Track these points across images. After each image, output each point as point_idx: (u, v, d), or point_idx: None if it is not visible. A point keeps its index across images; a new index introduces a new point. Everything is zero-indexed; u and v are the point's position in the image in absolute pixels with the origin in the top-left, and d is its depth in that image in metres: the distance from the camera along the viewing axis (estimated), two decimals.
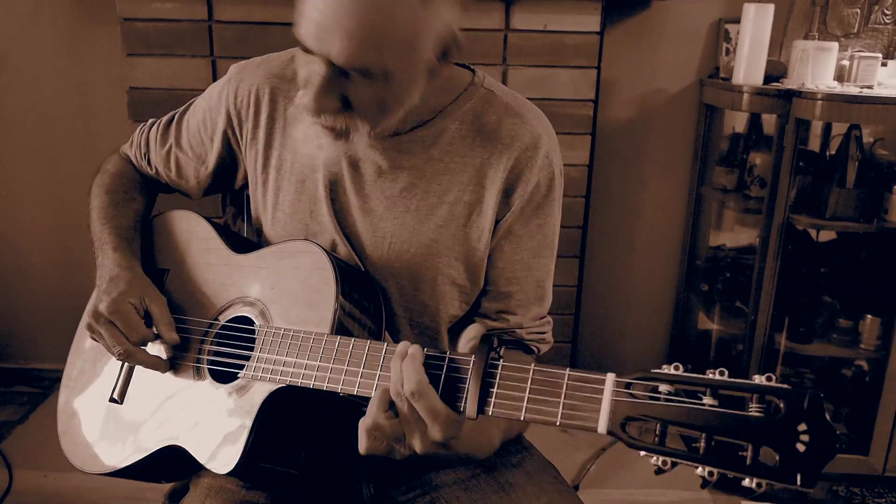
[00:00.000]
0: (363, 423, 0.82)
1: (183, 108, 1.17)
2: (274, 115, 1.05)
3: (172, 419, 0.99)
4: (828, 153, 2.14)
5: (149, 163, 1.20)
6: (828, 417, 0.62)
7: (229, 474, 0.90)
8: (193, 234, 1.12)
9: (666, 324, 2.57)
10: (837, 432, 0.64)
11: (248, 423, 0.90)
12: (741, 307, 2.30)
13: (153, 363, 1.00)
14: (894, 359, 2.08)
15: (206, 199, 1.23)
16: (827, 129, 2.15)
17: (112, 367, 1.08)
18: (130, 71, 2.09)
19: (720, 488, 1.89)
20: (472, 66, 1.06)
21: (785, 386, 0.63)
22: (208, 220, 1.13)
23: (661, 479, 0.67)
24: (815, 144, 2.17)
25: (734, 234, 2.44)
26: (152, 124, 1.20)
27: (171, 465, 0.99)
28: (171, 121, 1.18)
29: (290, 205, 1.05)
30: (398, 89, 0.89)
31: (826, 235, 2.22)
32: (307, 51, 0.86)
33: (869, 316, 2.11)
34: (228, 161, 1.12)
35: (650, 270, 2.52)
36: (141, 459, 1.00)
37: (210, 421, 0.95)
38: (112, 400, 1.07)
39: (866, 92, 1.97)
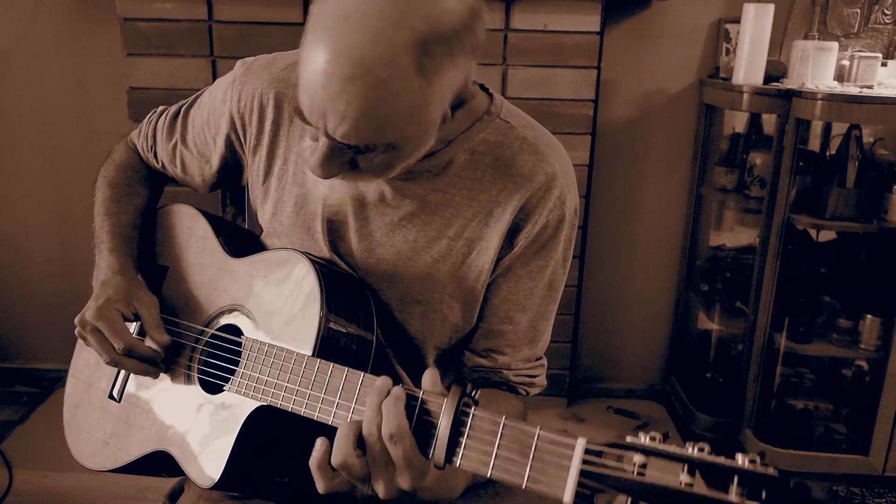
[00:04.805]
0: (332, 459, 0.77)
1: (191, 100, 1.13)
2: (279, 122, 1.01)
3: (162, 425, 0.99)
4: (828, 153, 2.14)
5: (155, 156, 1.17)
6: None
7: (211, 489, 0.90)
8: (193, 231, 1.11)
9: (666, 324, 2.57)
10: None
11: (231, 440, 0.89)
12: (741, 307, 2.30)
13: (141, 370, 0.98)
14: (894, 359, 2.08)
15: (209, 194, 1.21)
16: (827, 129, 2.15)
17: None
18: (130, 71, 2.09)
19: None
20: (489, 90, 0.99)
21: (770, 472, 0.58)
22: (208, 217, 1.12)
23: None
24: (815, 144, 2.17)
25: (734, 234, 2.45)
26: (161, 114, 1.16)
27: (166, 466, 0.98)
28: (178, 114, 1.14)
29: (289, 217, 1.03)
30: (407, 153, 0.85)
31: (826, 235, 2.22)
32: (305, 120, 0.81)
33: (869, 316, 2.11)
34: (232, 162, 1.10)
35: (650, 270, 2.52)
36: (135, 461, 1.00)
37: (196, 432, 0.94)
38: (111, 397, 1.07)
39: (866, 92, 1.97)
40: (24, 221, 2.51)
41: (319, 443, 0.79)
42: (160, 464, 0.99)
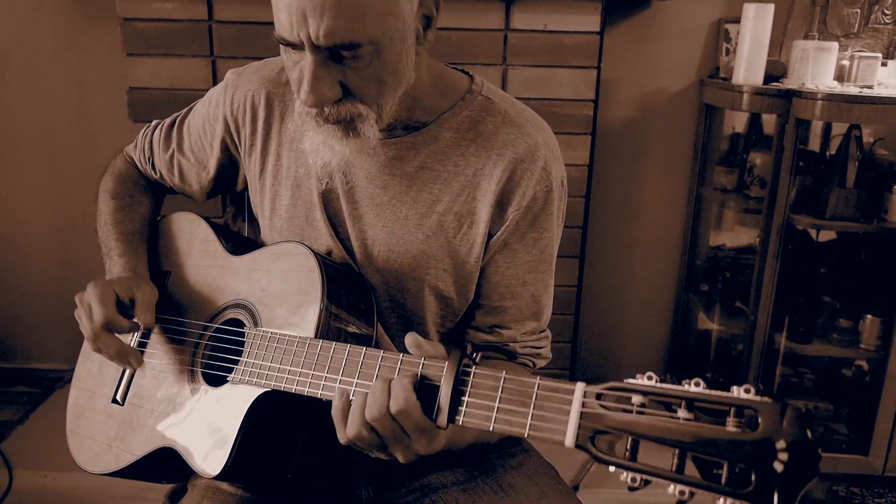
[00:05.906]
0: (347, 431, 0.81)
1: (185, 111, 1.17)
2: (270, 120, 1.05)
3: (167, 421, 1.00)
4: (828, 153, 2.14)
5: (153, 167, 1.20)
6: (809, 435, 0.57)
7: (216, 478, 0.90)
8: (194, 235, 1.12)
9: (666, 324, 2.57)
10: (819, 451, 0.59)
11: (236, 427, 0.90)
12: (741, 307, 2.30)
13: (118, 350, 0.97)
14: (894, 359, 2.08)
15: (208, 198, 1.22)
16: (827, 129, 2.15)
17: (117, 369, 1.09)
18: (130, 71, 2.09)
19: None
20: (470, 73, 1.03)
21: (765, 399, 0.58)
22: (208, 221, 1.13)
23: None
24: (815, 144, 2.18)
25: (734, 234, 2.45)
26: (156, 126, 1.20)
27: (169, 466, 0.99)
28: (173, 124, 1.17)
29: (287, 210, 1.05)
30: (390, 60, 0.86)
31: (826, 235, 2.22)
32: (289, 45, 0.84)
33: (869, 316, 2.11)
34: (229, 166, 1.12)
35: (650, 270, 2.52)
36: (138, 460, 1.00)
37: (200, 424, 0.95)
38: (114, 401, 1.07)
39: (866, 92, 1.97)
40: (24, 221, 2.51)
41: (339, 392, 0.82)
42: (163, 464, 0.99)
